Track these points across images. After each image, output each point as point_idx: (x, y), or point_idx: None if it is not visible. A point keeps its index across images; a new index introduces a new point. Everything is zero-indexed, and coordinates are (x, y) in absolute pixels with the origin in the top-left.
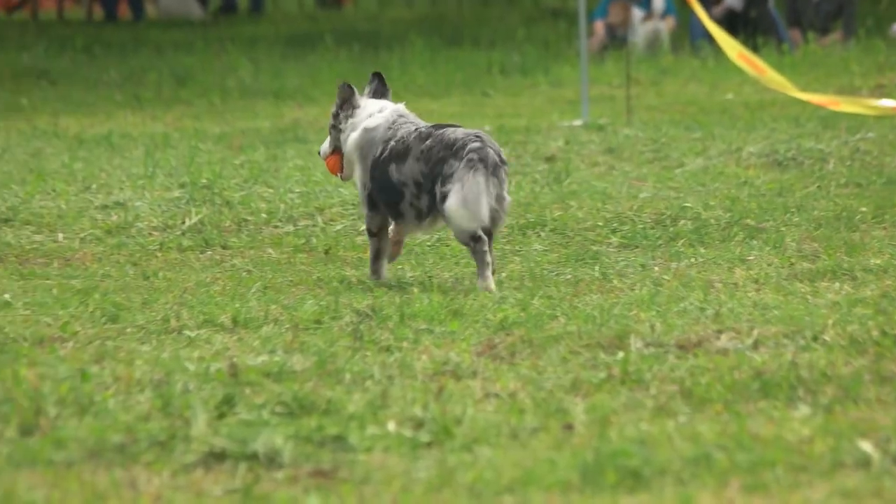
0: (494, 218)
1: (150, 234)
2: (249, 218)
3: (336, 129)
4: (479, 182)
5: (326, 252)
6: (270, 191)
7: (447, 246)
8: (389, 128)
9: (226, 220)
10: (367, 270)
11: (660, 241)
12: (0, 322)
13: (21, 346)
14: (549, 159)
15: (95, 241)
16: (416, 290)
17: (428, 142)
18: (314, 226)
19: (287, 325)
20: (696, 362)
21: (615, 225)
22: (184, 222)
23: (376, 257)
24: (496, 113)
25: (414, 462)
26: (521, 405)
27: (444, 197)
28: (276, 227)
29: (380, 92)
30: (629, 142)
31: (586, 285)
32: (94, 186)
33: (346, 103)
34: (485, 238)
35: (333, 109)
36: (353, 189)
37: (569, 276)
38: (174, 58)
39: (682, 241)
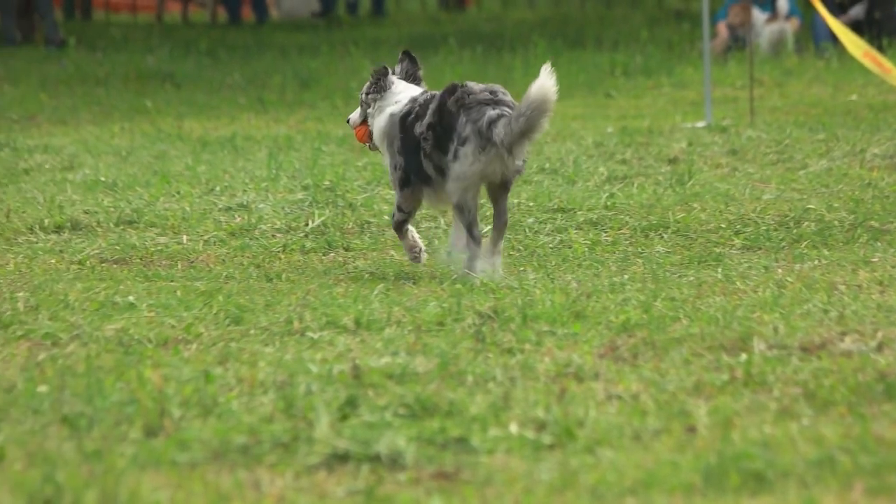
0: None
1: (273, 236)
2: (372, 220)
3: (366, 104)
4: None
5: (449, 254)
6: (393, 193)
7: (569, 248)
8: (410, 107)
9: (348, 222)
10: (406, 258)
11: (783, 243)
12: (125, 324)
13: (146, 348)
14: (672, 161)
15: (219, 243)
16: (538, 291)
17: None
18: (436, 227)
19: (410, 327)
20: (820, 364)
21: (738, 227)
22: (307, 224)
23: (401, 224)
24: (619, 114)
25: (536, 464)
26: (643, 407)
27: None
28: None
29: (410, 72)
30: (752, 143)
31: (709, 287)
32: (217, 189)
33: (377, 85)
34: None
35: (365, 87)
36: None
37: (691, 278)
38: (298, 60)
39: (805, 242)
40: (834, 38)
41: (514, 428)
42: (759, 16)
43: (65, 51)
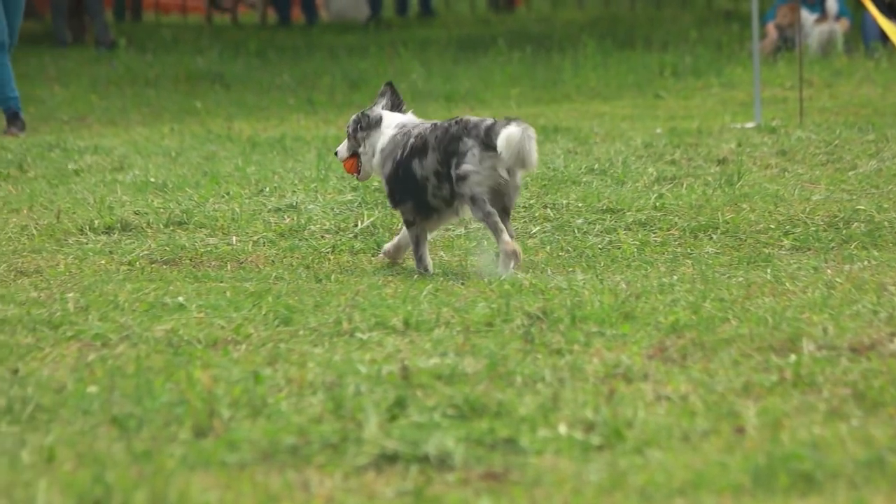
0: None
1: (322, 237)
2: None
3: (355, 140)
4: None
5: (497, 255)
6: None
7: (618, 248)
8: (396, 136)
9: (398, 223)
10: (413, 263)
11: (832, 244)
12: (174, 325)
13: (195, 349)
14: (721, 162)
15: (268, 244)
16: (587, 292)
17: (439, 132)
18: (486, 228)
19: (458, 328)
20: (870, 365)
21: (787, 227)
22: (356, 225)
23: (418, 245)
24: (668, 115)
25: (585, 465)
26: (692, 408)
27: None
28: (446, 230)
29: (395, 104)
30: (802, 144)
31: (758, 288)
32: (266, 189)
33: (366, 122)
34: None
35: (352, 123)
36: (525, 192)
37: (740, 279)
38: (347, 61)
39: (854, 243)
40: (884, 38)
41: (562, 429)
42: (807, 16)
43: (115, 52)
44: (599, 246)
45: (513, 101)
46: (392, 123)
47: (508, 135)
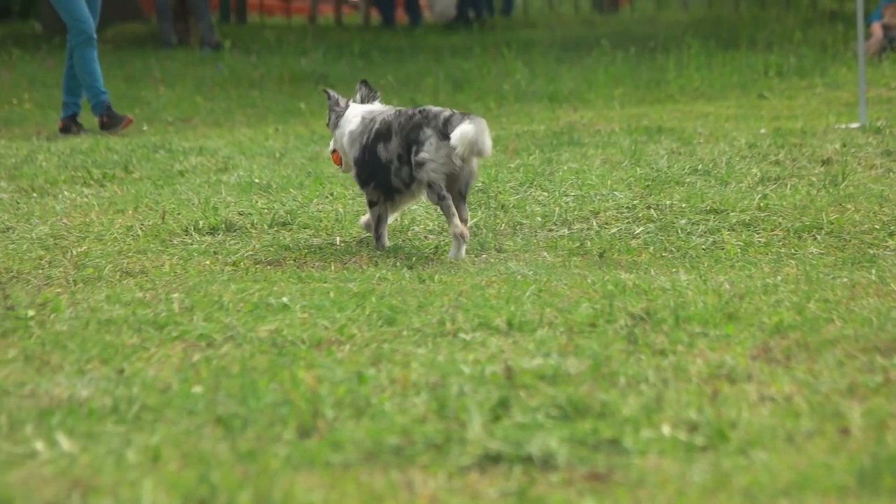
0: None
1: (425, 237)
2: (524, 221)
3: (332, 131)
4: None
5: (601, 255)
6: (545, 194)
7: (721, 249)
8: (363, 122)
9: (501, 224)
10: (373, 240)
11: None
12: (278, 325)
13: (299, 349)
14: (826, 162)
15: (372, 245)
16: (690, 293)
17: (402, 119)
18: (589, 229)
19: (562, 329)
20: None
21: (892, 228)
22: None
23: (378, 224)
24: (772, 115)
25: (689, 465)
26: (796, 409)
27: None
28: (550, 230)
29: (368, 97)
30: None
31: (863, 289)
32: None
33: (332, 111)
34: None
35: (328, 121)
36: (628, 192)
37: (845, 280)
38: (451, 62)
39: None
40: None
41: (666, 429)
42: None
43: (220, 53)
44: (703, 246)
45: (616, 101)
46: (359, 112)
47: (462, 132)
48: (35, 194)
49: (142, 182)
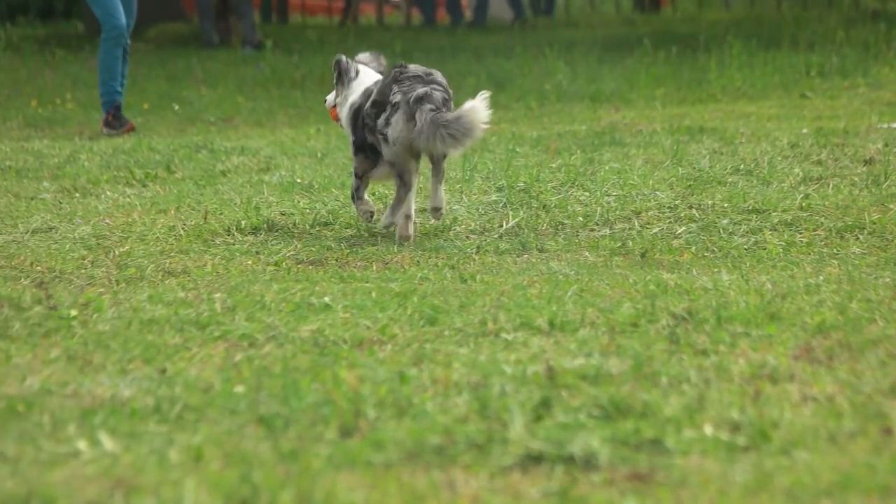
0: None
1: (467, 237)
2: (566, 221)
3: (338, 88)
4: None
5: (643, 255)
6: (587, 194)
7: (763, 249)
8: (367, 90)
9: (543, 224)
10: (354, 207)
11: None
12: (321, 325)
13: (341, 349)
14: (868, 162)
15: (414, 245)
16: (732, 293)
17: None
18: (630, 229)
19: (603, 329)
20: None
21: None
22: (501, 226)
23: (357, 189)
24: (814, 115)
25: (731, 465)
26: (839, 409)
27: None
28: (592, 230)
29: (378, 68)
30: None
31: None
32: None
33: (342, 77)
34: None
35: (334, 75)
36: (670, 192)
37: (887, 280)
38: (492, 62)
39: None
40: None
41: (708, 429)
42: None
43: (261, 53)
44: (745, 246)
45: (658, 101)
46: (366, 80)
47: (419, 130)
48: (78, 194)
49: (184, 182)
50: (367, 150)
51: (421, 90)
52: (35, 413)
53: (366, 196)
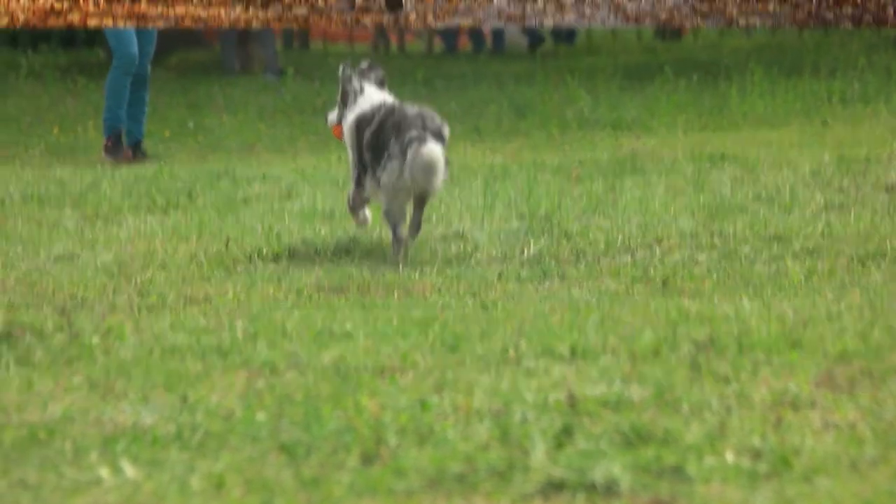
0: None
1: (489, 264)
2: (587, 248)
3: (341, 106)
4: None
5: (664, 283)
6: (608, 221)
7: (785, 276)
8: (373, 112)
9: (564, 251)
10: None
11: None
12: (342, 352)
13: (362, 376)
14: (890, 189)
15: (435, 272)
16: (754, 320)
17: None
18: (652, 256)
19: (625, 356)
20: None
21: None
22: (522, 253)
23: (354, 200)
24: (835, 142)
25: (752, 492)
26: (860, 436)
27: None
28: (613, 257)
29: (381, 83)
30: None
31: None
32: (433, 217)
33: (344, 91)
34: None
35: (340, 89)
36: (692, 219)
37: None
38: (514, 89)
39: None
40: None
41: (729, 456)
42: None
43: (283, 80)
44: (766, 274)
45: (679, 128)
46: (370, 101)
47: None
48: (99, 221)
49: (205, 210)
50: (364, 185)
51: (412, 134)
52: (57, 440)
53: (365, 210)
